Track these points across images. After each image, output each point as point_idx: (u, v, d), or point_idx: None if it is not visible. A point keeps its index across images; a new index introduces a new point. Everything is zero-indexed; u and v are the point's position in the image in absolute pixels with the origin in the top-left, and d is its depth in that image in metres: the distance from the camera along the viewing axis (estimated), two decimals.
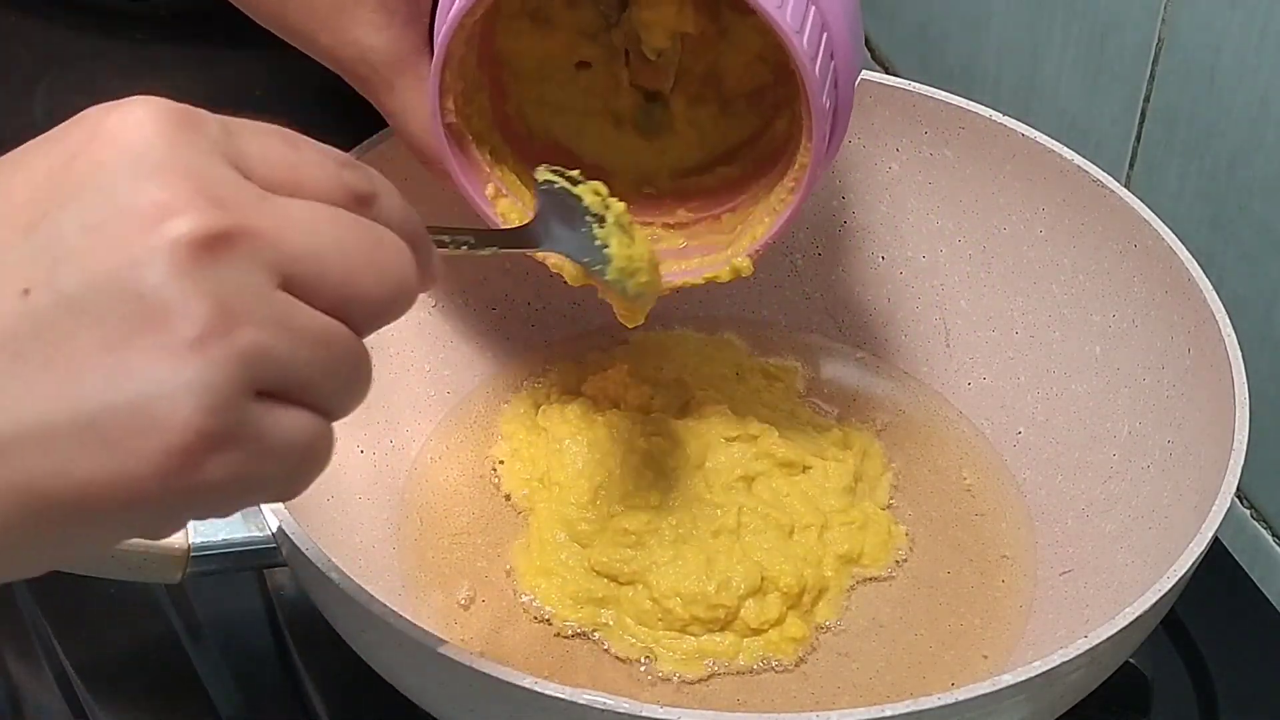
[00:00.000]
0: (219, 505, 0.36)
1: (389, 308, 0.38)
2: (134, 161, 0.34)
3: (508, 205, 0.60)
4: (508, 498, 0.66)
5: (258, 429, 0.35)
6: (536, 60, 0.62)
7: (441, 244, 0.50)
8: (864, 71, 0.70)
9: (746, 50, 0.62)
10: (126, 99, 0.35)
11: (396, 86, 0.58)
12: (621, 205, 0.56)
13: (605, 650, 0.60)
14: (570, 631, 0.61)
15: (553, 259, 0.58)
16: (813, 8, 0.53)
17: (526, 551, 0.63)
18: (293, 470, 0.37)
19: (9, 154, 0.36)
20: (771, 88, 0.62)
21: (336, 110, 0.62)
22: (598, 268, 0.56)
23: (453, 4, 0.53)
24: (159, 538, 0.36)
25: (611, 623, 0.61)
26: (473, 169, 0.59)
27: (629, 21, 0.60)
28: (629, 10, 0.60)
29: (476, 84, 0.59)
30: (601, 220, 0.56)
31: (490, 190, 0.60)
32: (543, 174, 0.56)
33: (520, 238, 0.56)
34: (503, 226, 0.59)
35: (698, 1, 0.59)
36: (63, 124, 0.36)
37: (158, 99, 0.35)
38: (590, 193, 0.56)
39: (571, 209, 0.56)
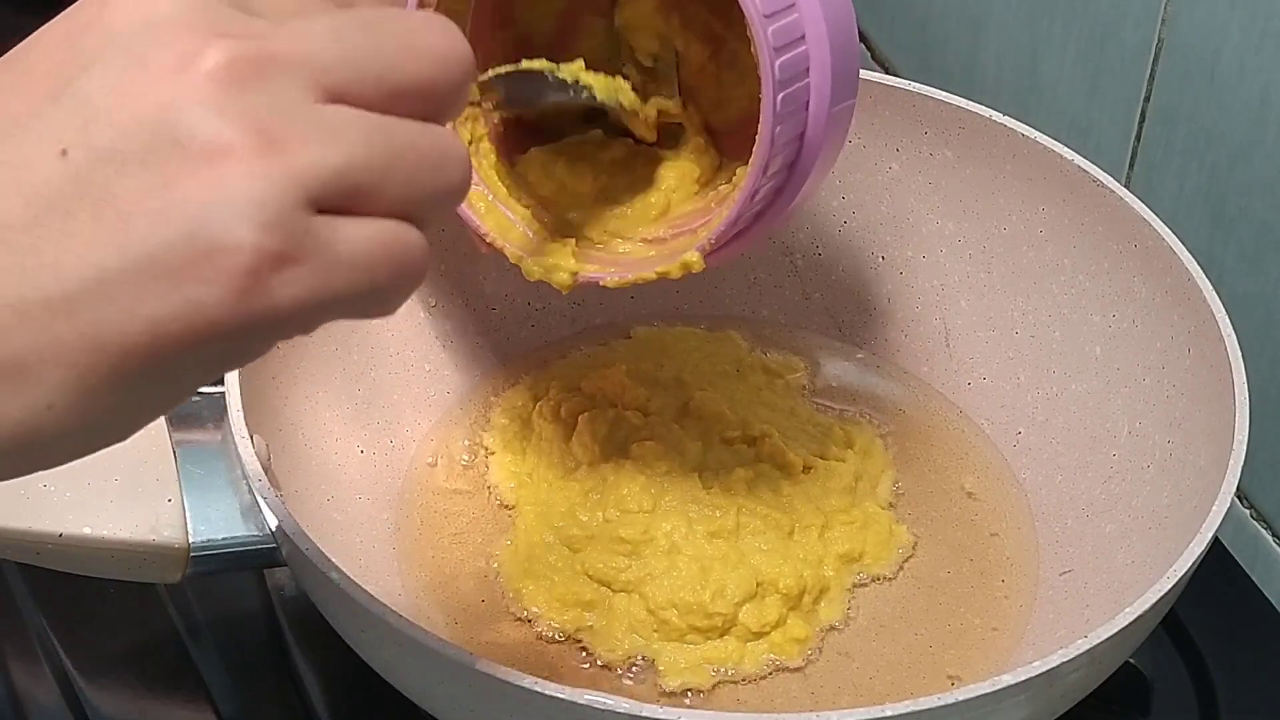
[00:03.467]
0: (298, 323, 0.35)
1: (445, 84, 0.37)
2: (147, 20, 0.35)
3: (477, 196, 0.58)
4: (491, 489, 0.66)
5: (323, 241, 0.34)
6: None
7: None
8: (864, 72, 0.70)
9: (751, 80, 0.60)
10: None
11: None
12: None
13: (593, 655, 0.60)
14: (558, 635, 0.61)
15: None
16: (802, 43, 0.51)
17: (514, 553, 0.63)
18: (376, 281, 0.35)
19: (28, 38, 0.36)
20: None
21: None
22: (585, 96, 0.54)
23: None
24: (244, 364, 0.36)
25: (599, 627, 0.60)
26: None
27: (621, 36, 0.60)
28: (617, 22, 0.60)
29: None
30: (567, 84, 0.55)
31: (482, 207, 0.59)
32: (492, 72, 0.55)
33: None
34: (486, 234, 0.57)
35: (686, 18, 0.58)
36: (72, 5, 0.36)
37: None
38: (545, 64, 0.55)
39: (536, 83, 0.55)
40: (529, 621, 0.61)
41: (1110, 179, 0.65)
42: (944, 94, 0.68)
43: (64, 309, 0.33)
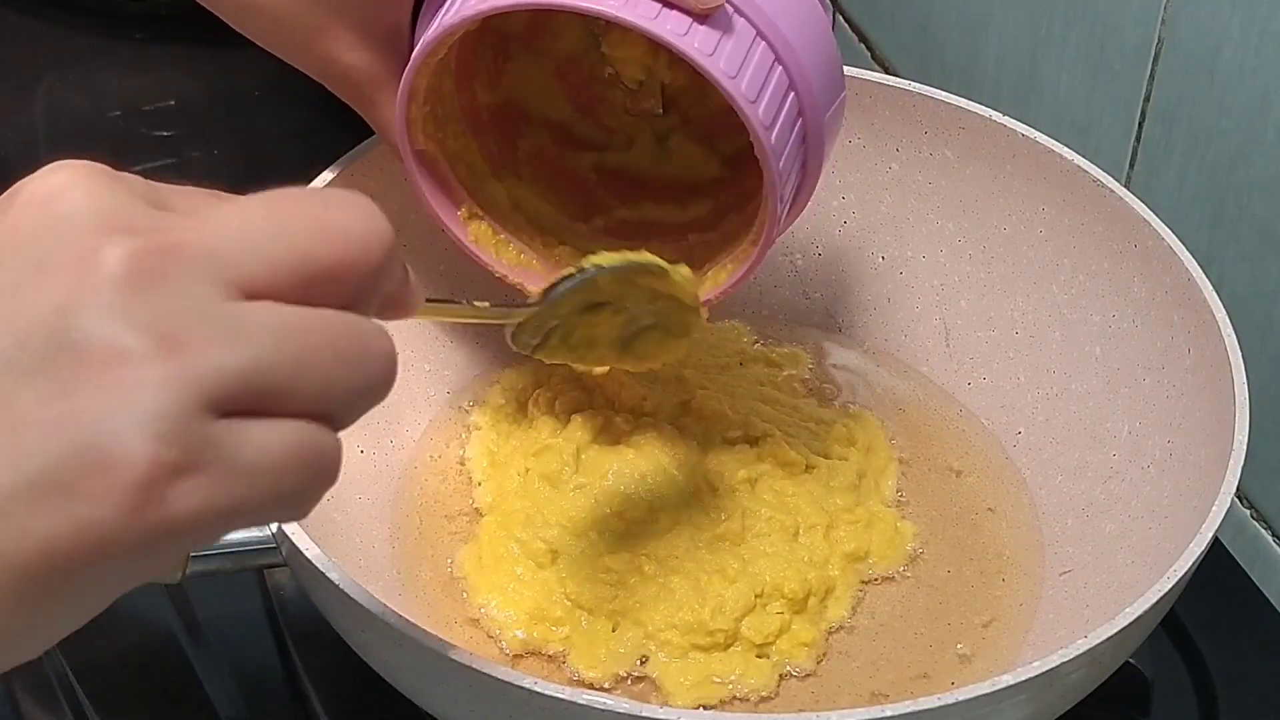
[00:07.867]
0: (200, 534, 0.33)
1: (365, 266, 0.35)
2: (50, 219, 0.33)
3: (481, 229, 0.60)
4: (463, 463, 0.66)
5: (224, 449, 0.32)
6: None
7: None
8: (864, 72, 0.70)
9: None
10: (47, 166, 0.34)
11: (379, 102, 0.58)
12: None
13: (575, 672, 0.59)
14: (528, 651, 0.60)
15: None
16: (778, 68, 0.53)
17: (479, 564, 0.62)
18: (283, 488, 0.34)
19: None
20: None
21: (336, 111, 0.62)
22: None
23: (427, 33, 0.54)
24: (154, 579, 0.35)
25: (579, 644, 0.59)
26: (444, 190, 0.60)
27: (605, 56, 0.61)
28: (602, 46, 0.61)
29: (452, 104, 0.59)
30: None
31: (464, 212, 0.61)
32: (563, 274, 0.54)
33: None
34: (477, 252, 0.60)
35: (675, 56, 0.59)
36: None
37: (78, 162, 0.34)
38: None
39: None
40: (493, 636, 0.60)
41: (1110, 179, 0.65)
42: (944, 94, 0.68)
43: None
